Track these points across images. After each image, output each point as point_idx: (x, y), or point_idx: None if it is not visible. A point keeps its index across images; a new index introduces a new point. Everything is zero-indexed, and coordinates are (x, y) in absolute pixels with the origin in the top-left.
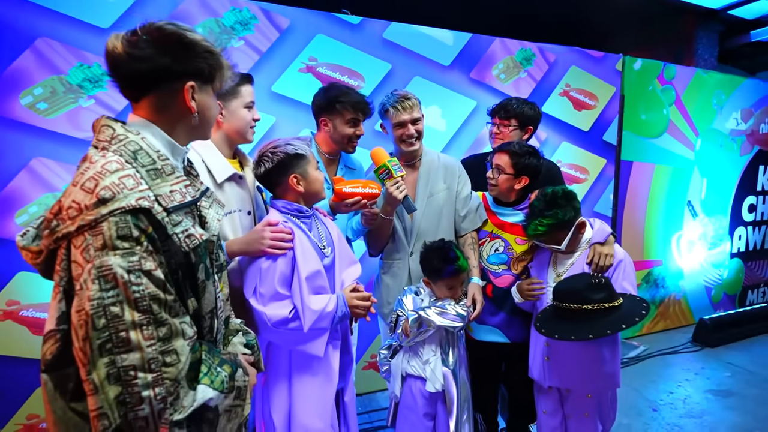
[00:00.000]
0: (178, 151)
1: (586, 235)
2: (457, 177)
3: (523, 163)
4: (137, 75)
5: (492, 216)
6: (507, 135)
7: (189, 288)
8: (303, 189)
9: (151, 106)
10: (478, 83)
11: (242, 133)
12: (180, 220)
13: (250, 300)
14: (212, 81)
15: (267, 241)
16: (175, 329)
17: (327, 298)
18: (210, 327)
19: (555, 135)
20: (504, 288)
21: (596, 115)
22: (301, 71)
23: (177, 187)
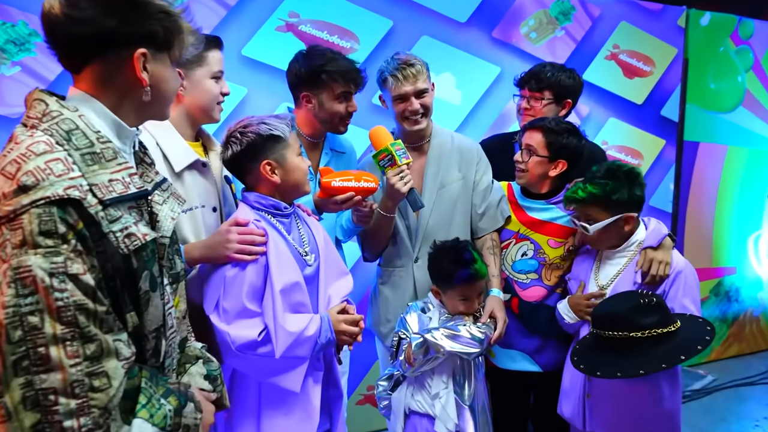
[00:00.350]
0: (125, 133)
1: (637, 236)
2: (476, 163)
3: (560, 143)
4: (78, 40)
5: (519, 211)
6: (539, 110)
7: (128, 299)
8: (278, 179)
9: (94, 78)
10: (502, 44)
11: (207, 110)
12: (119, 215)
13: (211, 317)
14: (169, 48)
15: (233, 244)
16: (106, 347)
17: (307, 318)
18: (155, 349)
19: (600, 110)
20: (534, 303)
21: (652, 84)
22: (279, 30)
23: (119, 175)
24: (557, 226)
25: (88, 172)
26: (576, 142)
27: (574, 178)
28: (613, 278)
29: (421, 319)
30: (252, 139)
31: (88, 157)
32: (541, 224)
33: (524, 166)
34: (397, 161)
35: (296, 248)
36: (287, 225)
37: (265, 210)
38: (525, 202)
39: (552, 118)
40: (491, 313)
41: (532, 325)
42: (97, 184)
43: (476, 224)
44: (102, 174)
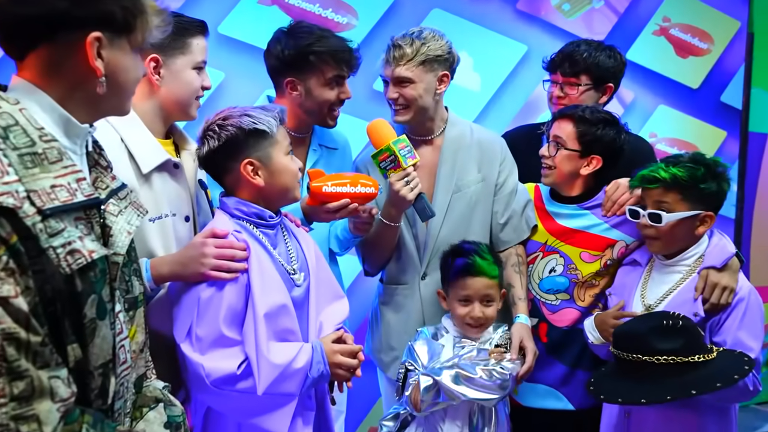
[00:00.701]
0: (74, 131)
1: (698, 249)
2: (499, 162)
3: (594, 135)
4: (22, 21)
5: (547, 219)
6: (575, 98)
7: (70, 328)
8: (262, 182)
9: (41, 65)
10: (528, 18)
11: (184, 105)
12: (61, 228)
13: (182, 345)
14: (129, 32)
15: (209, 260)
16: (38, 386)
17: (296, 348)
18: (101, 389)
19: (647, 95)
20: (564, 328)
21: (710, 64)
22: (262, 3)
23: (64, 180)
24: (592, 236)
25: (27, 176)
26: (613, 135)
27: (613, 178)
28: (662, 297)
29: (431, 347)
30: (232, 133)
31: (27, 158)
32: (572, 234)
33: (551, 162)
34: (401, 163)
35: (283, 265)
36: (272, 237)
37: (246, 219)
38: (553, 207)
39: (586, 106)
40: (520, 343)
41: (562, 355)
42: (37, 191)
43: (497, 235)
44: (43, 179)
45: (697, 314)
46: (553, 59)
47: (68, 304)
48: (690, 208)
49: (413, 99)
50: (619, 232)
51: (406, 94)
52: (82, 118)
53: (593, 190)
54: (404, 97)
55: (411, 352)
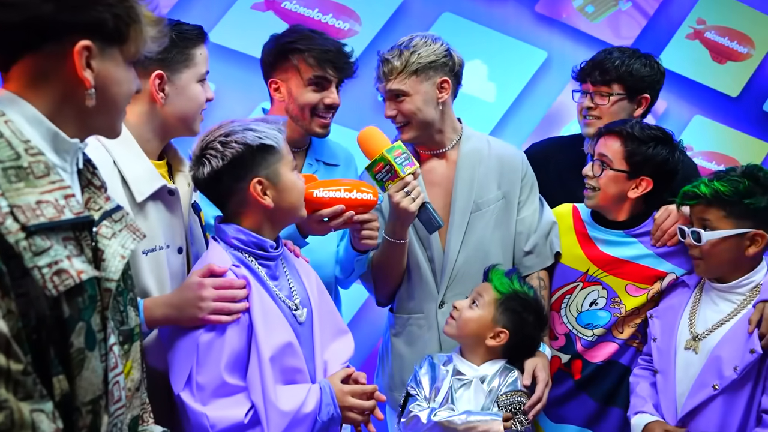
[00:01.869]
0: (63, 146)
1: (755, 277)
2: (520, 179)
3: (644, 154)
4: (5, 28)
5: (588, 245)
6: (606, 110)
7: (56, 358)
8: (271, 203)
9: (27, 76)
10: (548, 22)
11: (190, 121)
12: (47, 246)
13: (182, 395)
14: (121, 41)
15: (208, 303)
16: (18, 419)
17: (304, 390)
18: (91, 428)
19: (682, 105)
20: (599, 363)
21: (751, 70)
22: (256, 9)
23: (51, 196)
24: (641, 267)
25: (11, 191)
26: (666, 154)
27: (664, 202)
28: (713, 328)
29: (434, 374)
30: (238, 150)
31: (11, 171)
32: (618, 264)
33: (595, 183)
34: (398, 172)
35: (284, 301)
36: (272, 269)
37: (246, 250)
38: (597, 233)
39: (636, 121)
40: (533, 372)
41: (593, 391)
42: (21, 206)
43: (519, 260)
44: (28, 194)
45: (754, 351)
46: (582, 68)
47: (54, 332)
48: (735, 225)
49: (412, 113)
50: (670, 264)
51: (403, 109)
52: (71, 132)
53: (642, 216)
54: (402, 113)
55: (416, 376)
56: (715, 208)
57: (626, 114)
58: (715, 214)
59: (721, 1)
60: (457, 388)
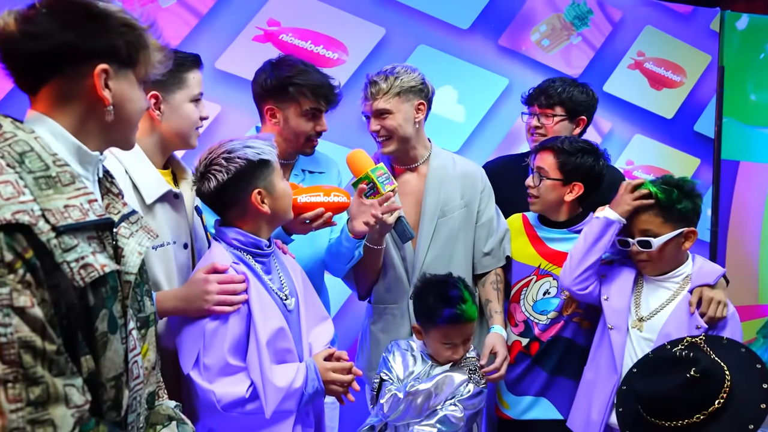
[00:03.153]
0: (86, 158)
1: (685, 269)
2: (480, 191)
3: (573, 164)
4: (33, 57)
5: (539, 244)
6: (551, 129)
7: (84, 341)
8: (268, 209)
9: (53, 97)
10: (510, 53)
11: (185, 137)
12: (74, 244)
13: (191, 374)
14: (133, 65)
15: (213, 296)
16: (54, 392)
17: (294, 369)
18: (114, 401)
19: (624, 125)
20: (549, 339)
21: (684, 95)
22: (256, 40)
23: (76, 201)
24: None
25: (41, 197)
26: (592, 162)
27: (595, 202)
28: (655, 311)
29: (405, 359)
30: (241, 166)
31: (42, 180)
32: (565, 257)
33: (536, 192)
34: (380, 189)
35: (276, 292)
36: (266, 265)
37: (244, 249)
38: (544, 233)
39: (564, 137)
40: (492, 349)
41: (544, 363)
42: (51, 210)
43: (479, 260)
44: (57, 199)
45: (700, 326)
46: (530, 94)
47: (81, 318)
48: (673, 228)
49: (394, 129)
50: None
51: (386, 125)
52: (92, 146)
53: (579, 215)
54: (385, 128)
55: (385, 362)
56: (655, 217)
57: (567, 132)
58: (656, 222)
59: (658, 36)
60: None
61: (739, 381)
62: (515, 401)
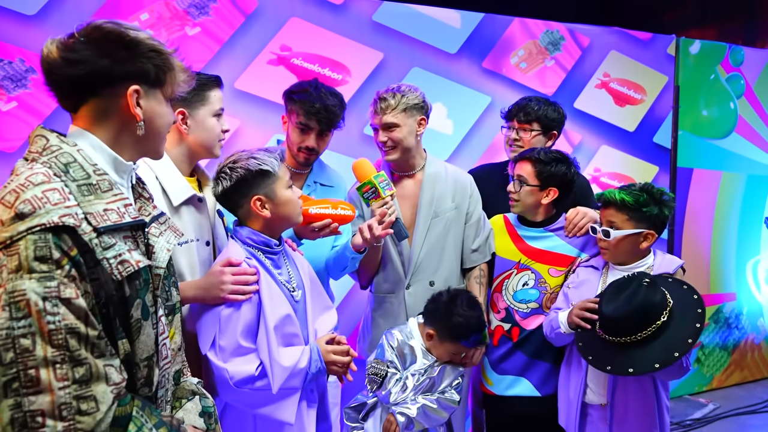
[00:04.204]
0: (122, 167)
1: (647, 261)
2: (468, 195)
3: (549, 172)
4: (73, 80)
5: (519, 241)
6: (528, 141)
7: (120, 327)
8: (269, 214)
9: (91, 115)
10: (492, 74)
11: (209, 148)
12: (113, 243)
13: (208, 354)
14: (161, 85)
15: (228, 285)
16: (96, 371)
17: (299, 351)
18: (147, 378)
19: (592, 137)
20: (530, 329)
21: (644, 111)
22: (270, 63)
23: (114, 206)
24: (557, 255)
25: (84, 202)
26: (564, 169)
27: (567, 205)
28: None
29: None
30: (241, 174)
31: (84, 187)
32: (541, 254)
33: (516, 197)
34: (380, 193)
35: (284, 285)
36: (275, 261)
37: (255, 246)
38: (523, 231)
39: (540, 149)
40: None
41: (525, 348)
42: (92, 213)
43: (468, 256)
44: (97, 204)
45: None
46: (510, 110)
47: (118, 307)
48: (634, 226)
49: (399, 140)
50: (577, 250)
51: (393, 136)
52: (127, 156)
53: (554, 216)
54: (392, 139)
55: (382, 352)
56: (621, 213)
57: (541, 144)
58: (620, 217)
59: (621, 60)
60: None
61: (678, 305)
62: (498, 379)
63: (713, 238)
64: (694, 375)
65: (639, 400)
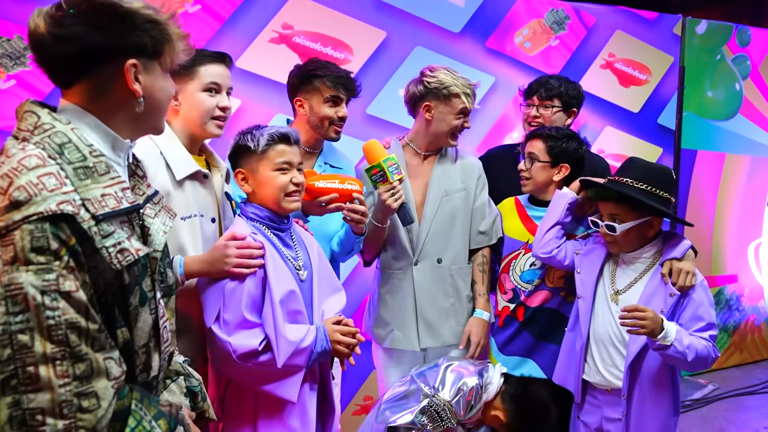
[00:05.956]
0: (119, 145)
1: (655, 246)
2: (476, 178)
3: (560, 148)
4: (65, 58)
5: (528, 222)
6: (548, 118)
7: (119, 315)
8: (250, 189)
9: (86, 93)
10: (496, 54)
11: (200, 124)
12: (111, 230)
13: (213, 328)
14: (159, 56)
15: (232, 259)
16: (96, 366)
17: (305, 329)
18: (145, 365)
19: (596, 118)
20: (536, 307)
21: (649, 92)
22: (272, 42)
23: (111, 190)
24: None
25: (81, 187)
26: (576, 146)
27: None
28: (630, 284)
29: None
30: (233, 145)
31: (80, 171)
32: None
33: (528, 174)
34: (388, 178)
35: (290, 262)
36: (282, 238)
37: (261, 221)
38: (533, 212)
39: (551, 126)
40: (468, 336)
41: (532, 329)
42: (90, 199)
43: (474, 237)
44: (95, 188)
45: (674, 294)
46: (530, 87)
47: (117, 295)
48: (638, 217)
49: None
50: (582, 227)
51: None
52: (124, 134)
53: None
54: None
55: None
56: (622, 205)
57: (561, 122)
58: (623, 209)
59: (627, 40)
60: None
61: None
62: (505, 361)
63: (716, 221)
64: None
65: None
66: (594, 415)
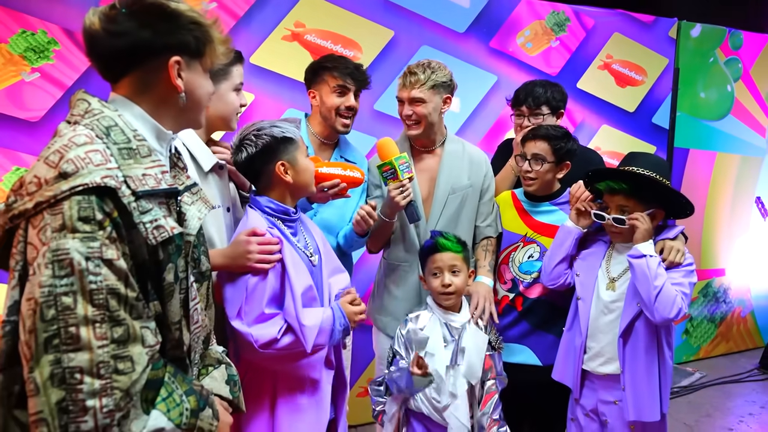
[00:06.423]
0: (163, 136)
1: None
2: (483, 174)
3: (564, 147)
4: (116, 52)
5: (526, 216)
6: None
7: (153, 289)
8: (291, 179)
9: (133, 86)
10: (499, 54)
11: (227, 120)
12: (149, 207)
13: (234, 321)
14: (201, 56)
15: (254, 255)
16: (133, 332)
17: (321, 312)
18: (178, 341)
19: (593, 117)
20: (534, 298)
21: (644, 92)
22: (285, 39)
23: (152, 171)
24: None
25: (124, 165)
26: (573, 144)
27: (569, 178)
28: (624, 272)
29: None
30: (267, 141)
31: (124, 151)
32: (546, 227)
33: (535, 175)
34: (399, 175)
35: (302, 251)
36: (293, 228)
37: (275, 215)
38: (530, 207)
39: (548, 126)
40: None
41: (529, 317)
42: (132, 176)
43: (479, 229)
44: (136, 168)
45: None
46: (517, 98)
47: (151, 270)
48: (645, 208)
49: (424, 115)
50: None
51: (418, 111)
52: (167, 126)
53: (558, 190)
54: (417, 114)
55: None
56: (631, 198)
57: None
58: (631, 202)
59: (624, 42)
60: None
61: None
62: (504, 346)
63: (705, 216)
64: (682, 345)
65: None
66: (590, 398)
